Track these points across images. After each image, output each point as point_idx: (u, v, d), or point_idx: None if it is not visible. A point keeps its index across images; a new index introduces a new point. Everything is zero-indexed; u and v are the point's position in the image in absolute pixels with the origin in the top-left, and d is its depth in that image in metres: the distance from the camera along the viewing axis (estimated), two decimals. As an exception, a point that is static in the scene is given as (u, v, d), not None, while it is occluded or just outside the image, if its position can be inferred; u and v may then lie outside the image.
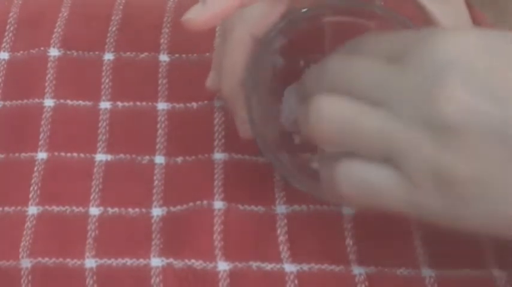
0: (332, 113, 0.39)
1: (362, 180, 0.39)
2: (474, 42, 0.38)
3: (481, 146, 0.36)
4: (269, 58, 0.47)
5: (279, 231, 0.47)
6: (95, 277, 0.45)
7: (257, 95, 0.45)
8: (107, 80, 0.53)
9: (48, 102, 0.52)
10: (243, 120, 0.47)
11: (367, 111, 0.39)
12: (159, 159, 0.50)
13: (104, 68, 0.54)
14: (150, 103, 0.52)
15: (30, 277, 0.45)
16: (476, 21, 0.53)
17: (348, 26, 0.47)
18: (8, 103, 0.52)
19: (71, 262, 0.45)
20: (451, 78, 0.37)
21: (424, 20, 0.46)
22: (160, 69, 0.54)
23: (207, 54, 0.54)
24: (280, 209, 0.47)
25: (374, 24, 0.47)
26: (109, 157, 0.50)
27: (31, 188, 0.48)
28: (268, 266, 0.45)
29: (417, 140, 0.37)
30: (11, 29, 0.56)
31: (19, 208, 0.48)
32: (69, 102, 0.52)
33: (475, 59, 0.37)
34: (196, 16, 0.42)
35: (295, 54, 0.48)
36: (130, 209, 0.48)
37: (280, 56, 0.47)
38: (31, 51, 0.54)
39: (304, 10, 0.46)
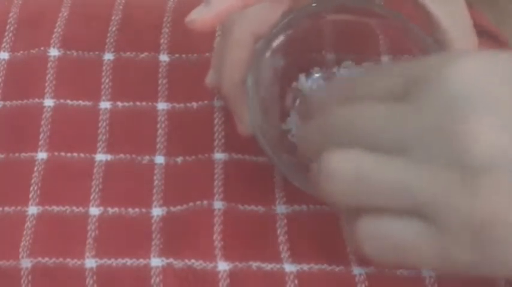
0: (343, 170, 0.36)
1: (386, 239, 0.36)
2: (490, 69, 0.35)
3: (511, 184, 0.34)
4: (270, 57, 0.46)
5: (279, 231, 0.47)
6: (95, 277, 0.45)
7: (258, 94, 0.45)
8: (106, 80, 0.53)
9: (48, 102, 0.52)
10: (243, 119, 0.47)
11: (382, 162, 0.35)
12: (159, 159, 0.50)
13: (104, 68, 0.54)
14: (150, 103, 0.52)
15: (30, 277, 0.45)
16: (477, 21, 0.53)
17: (347, 24, 0.47)
18: (8, 103, 0.52)
19: (71, 262, 0.45)
20: (472, 112, 0.34)
21: (423, 19, 0.46)
22: (160, 69, 0.54)
23: (207, 54, 0.54)
24: (280, 209, 0.47)
25: (374, 22, 0.47)
26: (109, 157, 0.50)
27: (31, 188, 0.48)
28: (268, 266, 0.45)
29: (446, 187, 0.34)
30: (11, 29, 0.56)
31: (19, 208, 0.48)
32: (69, 102, 0.52)
33: (494, 89, 0.35)
34: (200, 16, 0.42)
35: (296, 52, 0.48)
36: (130, 209, 0.48)
37: (281, 54, 0.47)
38: (31, 51, 0.54)
39: (305, 8, 0.46)
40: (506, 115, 0.34)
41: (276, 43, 0.46)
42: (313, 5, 0.46)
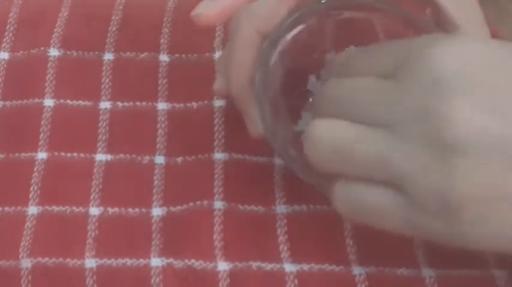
0: (327, 138, 0.39)
1: (360, 201, 0.39)
2: (474, 54, 0.37)
3: (487, 164, 0.36)
4: (277, 56, 0.46)
5: (279, 231, 0.47)
6: (95, 277, 0.45)
7: (266, 94, 0.45)
8: (106, 80, 0.53)
9: (48, 102, 0.52)
10: (254, 120, 0.47)
11: (364, 134, 0.38)
12: (159, 159, 0.50)
13: (103, 68, 0.54)
14: (150, 103, 0.52)
15: (30, 277, 0.45)
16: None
17: (355, 22, 0.47)
18: (8, 103, 0.52)
19: (71, 262, 0.45)
20: (454, 94, 0.36)
21: (431, 13, 0.46)
22: (160, 69, 0.54)
23: (207, 54, 0.54)
24: (280, 209, 0.47)
25: (376, 17, 0.47)
26: (109, 157, 0.50)
27: (31, 188, 0.48)
28: (268, 266, 0.45)
29: (422, 163, 0.36)
30: (11, 29, 0.56)
31: (19, 208, 0.48)
32: (69, 102, 0.52)
33: (477, 73, 0.36)
34: (206, 11, 0.42)
35: (303, 52, 0.48)
36: (130, 209, 0.48)
37: (288, 53, 0.47)
38: (31, 51, 0.54)
39: (312, 6, 0.46)
40: (488, 98, 0.36)
41: (283, 42, 0.46)
42: (322, 1, 0.46)
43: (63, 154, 0.50)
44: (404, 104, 0.37)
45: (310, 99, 0.49)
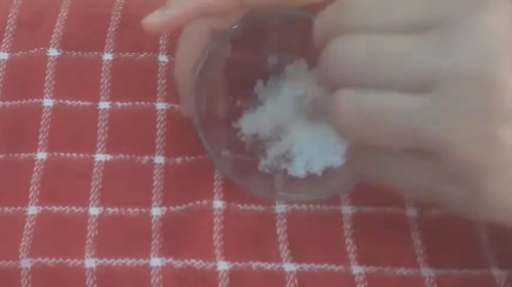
0: (355, 110, 0.36)
1: (388, 169, 0.37)
2: None
3: None
4: (226, 54, 0.47)
5: (279, 231, 0.47)
6: (94, 277, 0.45)
7: (207, 87, 0.46)
8: (106, 81, 0.53)
9: (48, 102, 0.52)
10: (187, 105, 0.47)
11: (397, 103, 0.35)
12: (159, 159, 0.50)
13: (103, 68, 0.54)
14: (149, 103, 0.52)
15: (30, 277, 0.45)
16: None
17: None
18: (7, 103, 0.52)
19: (71, 262, 0.45)
20: (508, 59, 0.34)
21: None
22: (159, 70, 0.54)
23: (206, 54, 0.54)
24: (280, 209, 0.48)
25: None
26: (108, 157, 0.50)
27: (31, 188, 0.48)
28: (268, 266, 0.45)
29: (466, 134, 0.34)
30: (11, 29, 0.56)
31: (19, 208, 0.48)
32: (68, 102, 0.52)
33: None
34: (155, 20, 0.44)
35: (254, 53, 0.48)
36: (130, 209, 0.48)
37: (238, 53, 0.47)
38: (30, 51, 0.54)
39: (268, 11, 0.46)
40: None
41: (233, 41, 0.47)
42: (282, 12, 0.46)
43: (62, 154, 0.50)
44: (448, 65, 0.34)
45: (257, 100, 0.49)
